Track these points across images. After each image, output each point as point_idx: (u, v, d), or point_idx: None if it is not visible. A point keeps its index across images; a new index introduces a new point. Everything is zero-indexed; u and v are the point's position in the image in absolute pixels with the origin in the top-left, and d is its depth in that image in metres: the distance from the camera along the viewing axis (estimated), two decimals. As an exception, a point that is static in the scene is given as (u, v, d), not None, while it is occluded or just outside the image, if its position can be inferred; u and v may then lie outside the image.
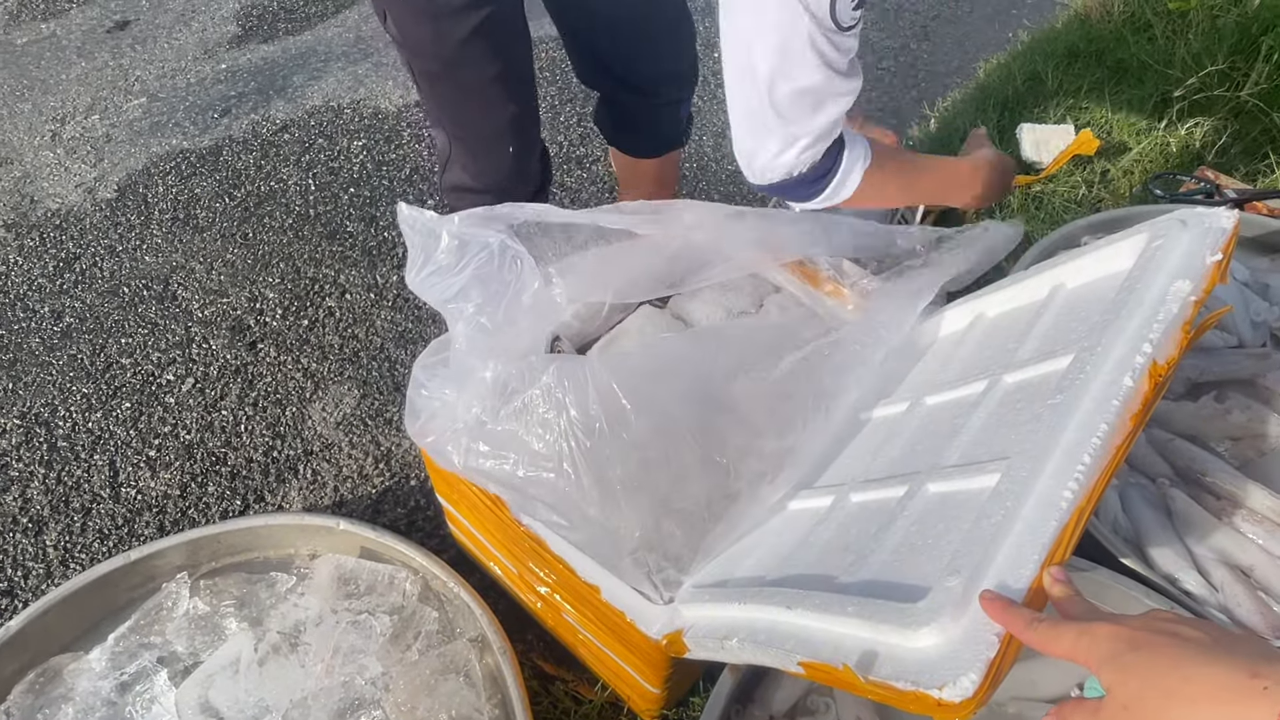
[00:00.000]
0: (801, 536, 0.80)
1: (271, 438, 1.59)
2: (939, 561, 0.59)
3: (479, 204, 1.21)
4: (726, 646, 0.71)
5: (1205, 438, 1.04)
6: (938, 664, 0.50)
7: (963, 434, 0.75)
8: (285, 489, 1.52)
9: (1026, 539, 0.55)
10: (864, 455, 0.88)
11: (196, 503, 1.50)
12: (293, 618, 1.23)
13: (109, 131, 2.37)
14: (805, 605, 0.63)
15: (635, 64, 1.36)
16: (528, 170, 1.33)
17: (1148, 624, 0.46)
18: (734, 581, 0.83)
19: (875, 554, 0.67)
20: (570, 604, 1.08)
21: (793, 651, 0.61)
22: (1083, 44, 2.24)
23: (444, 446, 0.92)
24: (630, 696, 1.15)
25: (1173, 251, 0.74)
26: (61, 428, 1.63)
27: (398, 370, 1.70)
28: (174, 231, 2.04)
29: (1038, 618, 0.49)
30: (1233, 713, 0.39)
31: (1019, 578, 0.52)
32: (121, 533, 1.47)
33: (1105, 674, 0.45)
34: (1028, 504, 0.57)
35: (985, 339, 0.94)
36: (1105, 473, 0.57)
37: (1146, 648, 0.44)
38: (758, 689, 0.89)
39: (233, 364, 1.72)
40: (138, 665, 1.16)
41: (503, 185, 1.30)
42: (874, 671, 0.53)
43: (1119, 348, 0.66)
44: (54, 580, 1.40)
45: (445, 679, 1.14)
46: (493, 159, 1.27)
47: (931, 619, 0.52)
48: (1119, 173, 1.87)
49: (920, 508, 0.70)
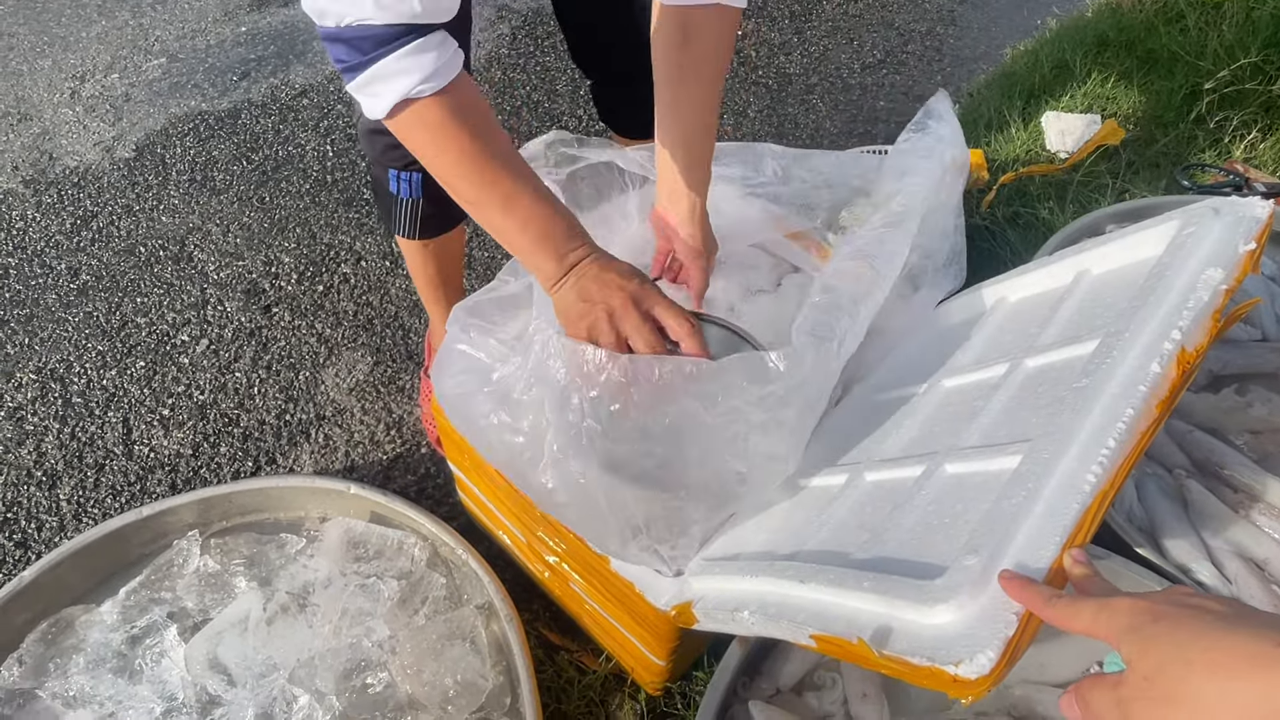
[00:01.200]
0: (815, 514, 0.80)
1: (284, 401, 1.60)
2: (956, 541, 0.59)
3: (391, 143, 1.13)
4: (737, 618, 0.71)
5: (1225, 430, 1.03)
6: (954, 640, 0.50)
7: (982, 416, 0.75)
8: (297, 452, 1.52)
9: (1047, 520, 0.54)
10: (879, 436, 0.88)
11: (209, 462, 1.51)
12: (301, 579, 1.24)
13: (128, 91, 2.37)
14: (819, 579, 0.63)
15: (613, 52, 1.34)
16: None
17: (1169, 597, 0.45)
18: (745, 556, 0.83)
19: (891, 532, 0.66)
20: (579, 574, 1.08)
21: (805, 624, 0.61)
22: (1113, 33, 2.20)
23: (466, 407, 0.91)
24: (634, 668, 1.16)
25: (1205, 239, 0.73)
26: (76, 384, 1.63)
27: (411, 339, 1.70)
28: (191, 193, 2.04)
29: (1056, 594, 0.49)
30: (1257, 681, 0.39)
31: (1039, 558, 0.52)
32: (134, 489, 1.48)
33: (1126, 646, 0.44)
34: (1049, 486, 0.57)
35: (1006, 323, 0.93)
36: (1129, 458, 0.57)
37: (1168, 619, 0.43)
38: (765, 662, 0.89)
39: (247, 327, 1.73)
40: (148, 619, 1.17)
41: None
42: (889, 646, 0.53)
43: (1147, 334, 0.65)
44: (67, 534, 1.42)
45: (451, 644, 1.15)
46: None
47: (949, 596, 0.52)
48: (1144, 165, 1.84)
49: (937, 488, 0.69)
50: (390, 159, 1.20)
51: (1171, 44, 2.09)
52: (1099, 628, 0.46)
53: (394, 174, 1.21)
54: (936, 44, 2.49)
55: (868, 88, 2.33)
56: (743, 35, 2.50)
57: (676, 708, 1.17)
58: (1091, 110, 1.97)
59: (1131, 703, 0.44)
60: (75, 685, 1.11)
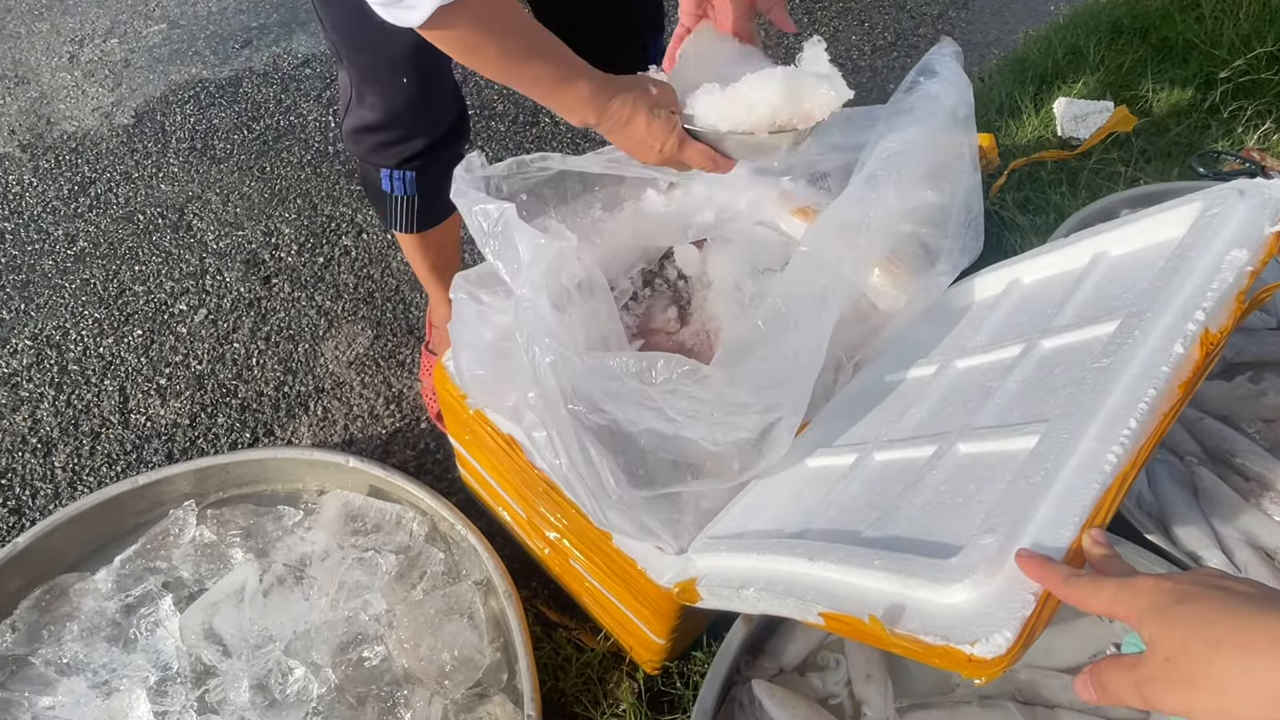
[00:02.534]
0: (823, 493, 0.79)
1: (283, 373, 1.58)
2: (971, 520, 0.58)
3: (379, 142, 1.14)
4: (743, 595, 0.70)
5: (1237, 418, 1.02)
6: (970, 620, 0.49)
7: (996, 397, 0.73)
8: (295, 424, 1.51)
9: (1066, 500, 0.53)
10: (889, 416, 0.86)
11: (206, 433, 1.50)
12: (299, 551, 1.22)
13: (128, 56, 2.33)
14: (828, 557, 0.62)
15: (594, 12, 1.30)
16: (434, 107, 1.18)
17: (1194, 578, 0.44)
18: (750, 534, 0.82)
19: (902, 511, 0.65)
20: (579, 550, 1.07)
21: (813, 602, 0.60)
22: (1128, 20, 2.17)
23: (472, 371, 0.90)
24: (633, 647, 1.15)
25: (1229, 220, 0.71)
26: (73, 351, 1.62)
27: (412, 313, 1.68)
28: (191, 161, 2.01)
29: (1076, 573, 0.47)
30: None
31: (1058, 538, 0.51)
32: (130, 458, 1.46)
33: (1147, 626, 0.43)
34: (1068, 466, 0.55)
35: (1021, 304, 0.91)
36: (1151, 439, 0.55)
37: (1192, 599, 0.42)
38: (769, 641, 0.88)
39: (246, 297, 1.71)
40: (143, 589, 1.16)
41: (401, 117, 1.14)
42: (901, 625, 0.52)
43: (1170, 314, 0.64)
44: (61, 501, 1.41)
45: (449, 619, 1.14)
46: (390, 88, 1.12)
47: (965, 575, 0.50)
48: (1156, 153, 1.82)
49: (950, 467, 0.68)
50: (380, 159, 1.17)
51: (1187, 32, 2.07)
52: (1119, 607, 0.45)
53: (385, 173, 1.19)
54: (948, 27, 2.46)
55: (878, 70, 2.30)
56: (752, 14, 2.47)
57: (675, 687, 1.16)
58: (1105, 97, 1.94)
59: (1151, 683, 0.43)
60: (69, 653, 1.10)
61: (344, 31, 1.07)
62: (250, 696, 1.06)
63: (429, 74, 1.13)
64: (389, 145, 1.16)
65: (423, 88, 1.12)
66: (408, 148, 1.15)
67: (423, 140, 1.15)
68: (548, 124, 2.12)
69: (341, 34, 1.07)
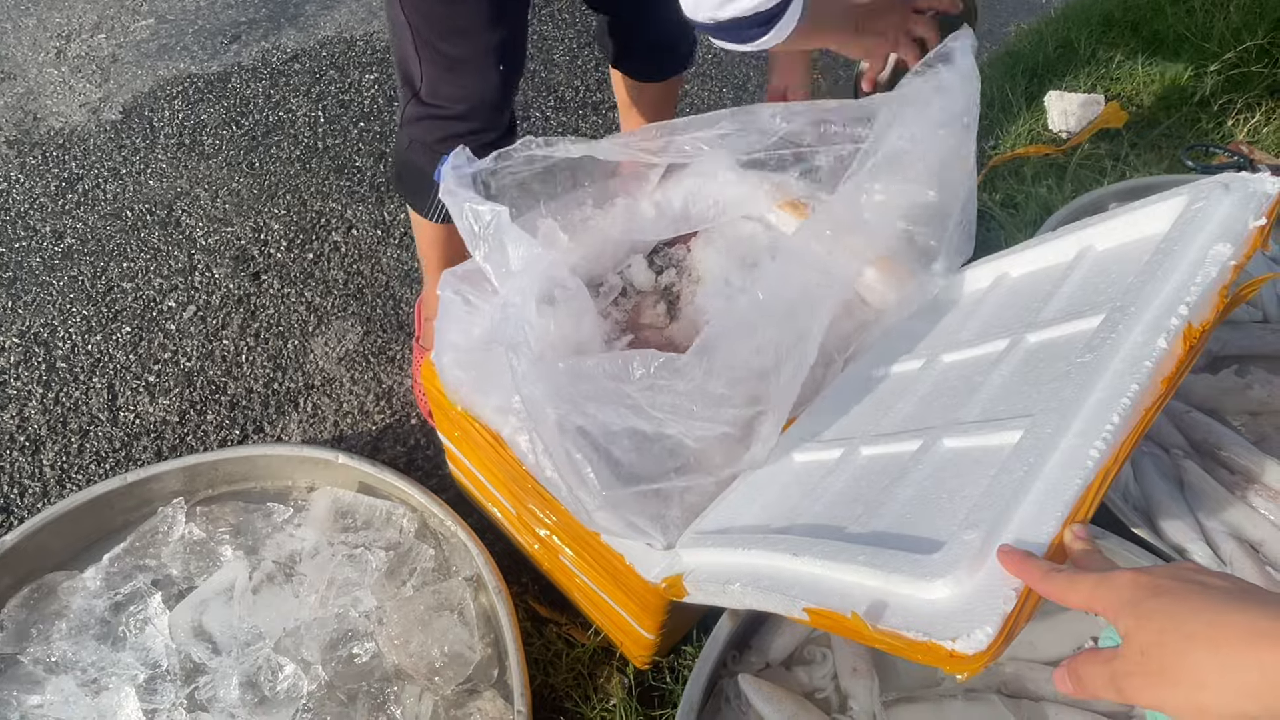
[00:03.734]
0: (809, 488, 0.79)
1: (272, 369, 1.58)
2: (955, 515, 0.58)
3: (453, 132, 1.14)
4: (728, 590, 0.70)
5: (1223, 411, 1.02)
6: (951, 616, 0.49)
7: (982, 391, 0.73)
8: (285, 421, 1.50)
9: (1049, 496, 0.53)
10: (876, 411, 0.86)
11: (195, 430, 1.49)
12: (288, 548, 1.22)
13: (115, 51, 2.32)
14: (812, 553, 0.62)
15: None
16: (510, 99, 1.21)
17: (1170, 572, 0.44)
18: (737, 529, 0.82)
19: (887, 506, 0.65)
20: (569, 546, 1.07)
21: (798, 598, 0.60)
22: (1119, 13, 2.18)
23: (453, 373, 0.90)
24: (623, 642, 1.15)
25: (1214, 214, 0.71)
26: (61, 348, 1.61)
27: (402, 309, 1.68)
28: (179, 157, 2.00)
29: (1055, 568, 0.48)
30: (1260, 657, 0.38)
31: (1040, 534, 0.51)
32: (119, 456, 1.46)
33: (1123, 620, 0.43)
34: (1051, 461, 0.55)
35: (1008, 298, 0.91)
36: (1133, 434, 0.55)
37: (1169, 594, 0.42)
38: (755, 636, 0.88)
39: (235, 294, 1.70)
40: (132, 586, 1.16)
41: (485, 106, 1.16)
42: (883, 621, 0.52)
43: (1153, 309, 0.64)
44: (50, 499, 1.40)
45: (439, 615, 1.14)
46: (479, 79, 1.14)
47: (947, 571, 0.50)
48: (1146, 146, 1.83)
49: (935, 462, 0.68)
50: (447, 147, 1.15)
51: (1178, 25, 2.07)
52: (1097, 601, 0.45)
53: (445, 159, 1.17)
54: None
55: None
56: (743, 8, 2.46)
57: (665, 681, 1.16)
58: (1095, 90, 1.94)
59: (1127, 677, 0.43)
60: (57, 651, 1.10)
61: (431, 17, 1.07)
62: (240, 694, 1.06)
63: (516, 66, 1.16)
64: (464, 135, 1.15)
65: (509, 79, 1.14)
66: (482, 138, 1.15)
67: (495, 132, 1.16)
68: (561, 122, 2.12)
69: (426, 19, 1.08)
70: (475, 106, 1.14)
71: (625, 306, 1.15)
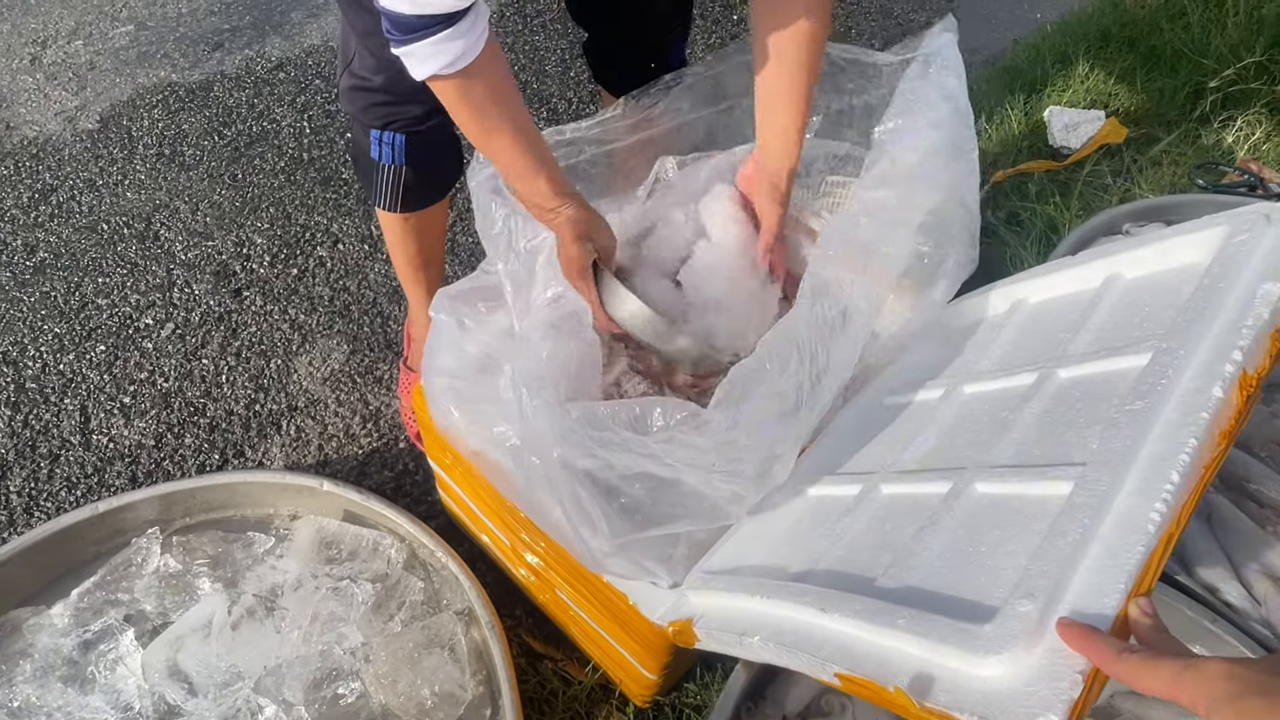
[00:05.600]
0: (826, 528, 0.74)
1: (254, 390, 1.51)
2: (1000, 577, 0.53)
3: (373, 102, 1.11)
4: (745, 643, 0.66)
5: (1249, 442, 0.99)
6: (1010, 699, 0.44)
7: (1013, 430, 0.69)
8: (267, 445, 1.44)
9: (1109, 563, 0.48)
10: (894, 444, 0.82)
11: (172, 454, 1.43)
12: (270, 580, 1.16)
13: (93, 59, 2.25)
14: (843, 610, 0.57)
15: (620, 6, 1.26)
16: None
17: (1271, 666, 0.40)
18: (748, 569, 0.77)
19: (919, 557, 0.61)
20: (565, 580, 1.02)
21: (828, 660, 0.55)
22: (1115, 28, 2.16)
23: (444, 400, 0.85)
24: (623, 680, 1.10)
25: (1256, 248, 0.68)
26: (31, 368, 1.54)
27: (390, 326, 1.62)
28: (159, 168, 1.94)
29: (1128, 648, 0.43)
30: None
31: (1102, 605, 0.46)
32: (91, 482, 1.39)
33: (1218, 715, 0.39)
34: (1107, 521, 0.51)
35: (1029, 326, 0.87)
36: (1194, 494, 0.51)
37: (1274, 693, 0.38)
38: (770, 686, 0.84)
39: (216, 311, 1.64)
40: (103, 623, 1.10)
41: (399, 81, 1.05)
42: (930, 698, 0.47)
43: (1203, 352, 0.60)
44: (16, 529, 1.33)
45: (429, 652, 1.09)
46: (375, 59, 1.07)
47: (1002, 647, 0.46)
48: (1148, 163, 1.80)
49: (968, 509, 0.64)
50: (372, 117, 1.13)
51: (1175, 41, 2.05)
52: (1184, 690, 0.40)
53: (375, 135, 1.14)
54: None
55: (865, 77, 2.27)
56: (738, 20, 2.43)
57: (667, 722, 1.11)
58: (1095, 106, 1.92)
59: None
60: (20, 695, 1.03)
61: None
62: (217, 740, 1.00)
63: None
64: (382, 105, 1.11)
65: None
66: (401, 111, 1.11)
67: (420, 107, 1.11)
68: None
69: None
70: (393, 78, 1.09)
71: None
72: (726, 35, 2.38)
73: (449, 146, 1.21)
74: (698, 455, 0.65)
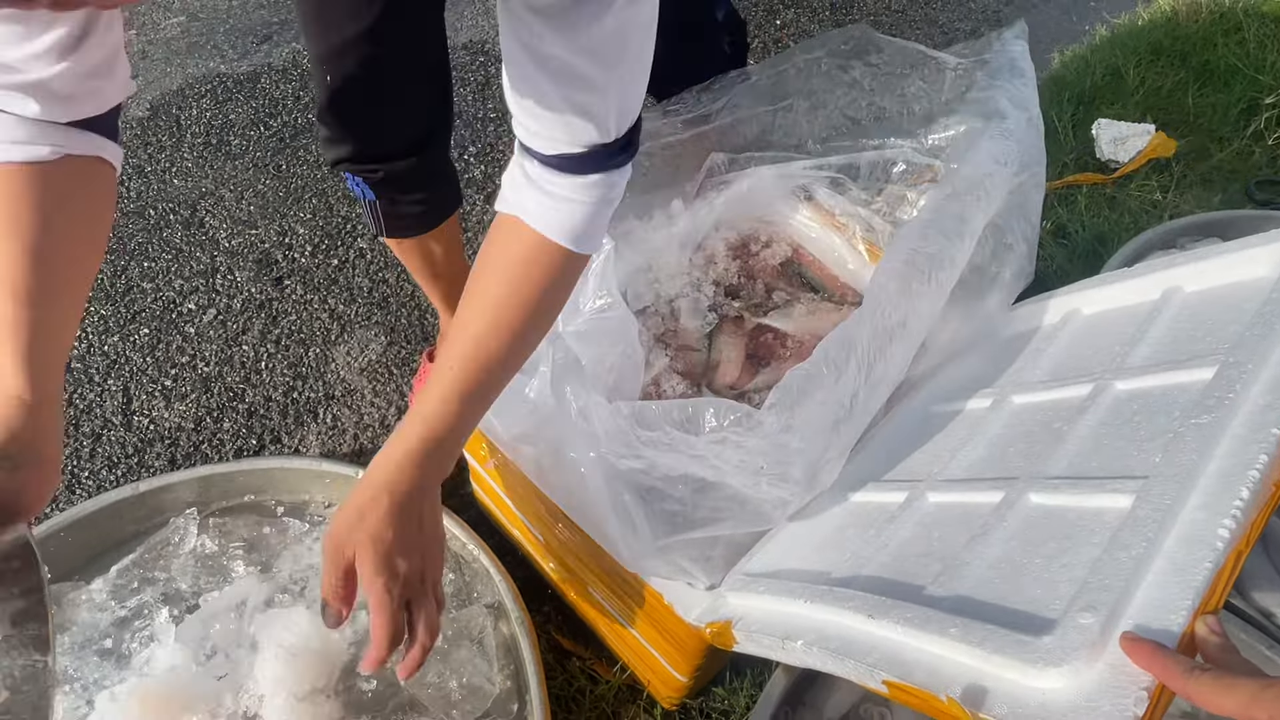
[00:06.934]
0: (870, 534, 0.73)
1: (292, 378, 1.53)
2: (1057, 589, 0.52)
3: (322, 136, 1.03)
4: (788, 647, 0.65)
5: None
6: (1068, 712, 0.43)
7: (1068, 442, 0.68)
8: (303, 432, 1.46)
9: (1174, 579, 0.47)
10: (941, 452, 0.81)
11: (210, 438, 1.45)
12: (305, 562, 1.17)
13: (145, 48, 2.29)
14: (892, 617, 0.56)
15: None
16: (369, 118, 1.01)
17: None
18: (789, 573, 0.76)
19: (970, 567, 0.59)
20: (598, 578, 1.02)
21: (876, 667, 0.54)
22: (1167, 42, 2.12)
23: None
24: (651, 681, 1.10)
25: (1325, 260, 0.66)
26: (76, 348, 1.57)
27: (427, 319, 1.63)
28: (205, 157, 1.97)
29: (1199, 666, 0.42)
30: None
31: (1167, 622, 0.45)
32: (131, 462, 1.41)
33: None
34: (1172, 536, 0.50)
35: (1083, 338, 0.86)
36: (1265, 510, 0.49)
37: None
38: (809, 692, 0.82)
39: (257, 298, 1.66)
40: (139, 600, 1.11)
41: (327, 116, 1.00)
42: (985, 708, 0.46)
43: (1271, 366, 0.58)
44: (58, 505, 1.35)
45: (458, 645, 1.09)
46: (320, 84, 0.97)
47: (1062, 659, 0.45)
48: (1197, 179, 1.77)
49: (1021, 520, 0.62)
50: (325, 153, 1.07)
51: (1229, 56, 2.01)
52: (1262, 710, 0.39)
53: (349, 177, 1.09)
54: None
55: (908, 85, 2.25)
56: (781, 25, 2.42)
57: (695, 726, 1.10)
58: (1145, 120, 1.89)
59: None
60: (59, 667, 1.05)
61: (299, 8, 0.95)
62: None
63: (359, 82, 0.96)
64: (326, 141, 1.05)
65: (348, 94, 0.97)
66: (339, 151, 1.04)
67: (350, 147, 1.03)
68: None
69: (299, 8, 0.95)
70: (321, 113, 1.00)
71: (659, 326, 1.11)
72: (769, 40, 2.37)
73: (431, 182, 1.13)
74: (748, 457, 0.64)
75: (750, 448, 0.63)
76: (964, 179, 0.78)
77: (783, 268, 1.16)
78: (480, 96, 2.11)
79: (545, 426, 0.88)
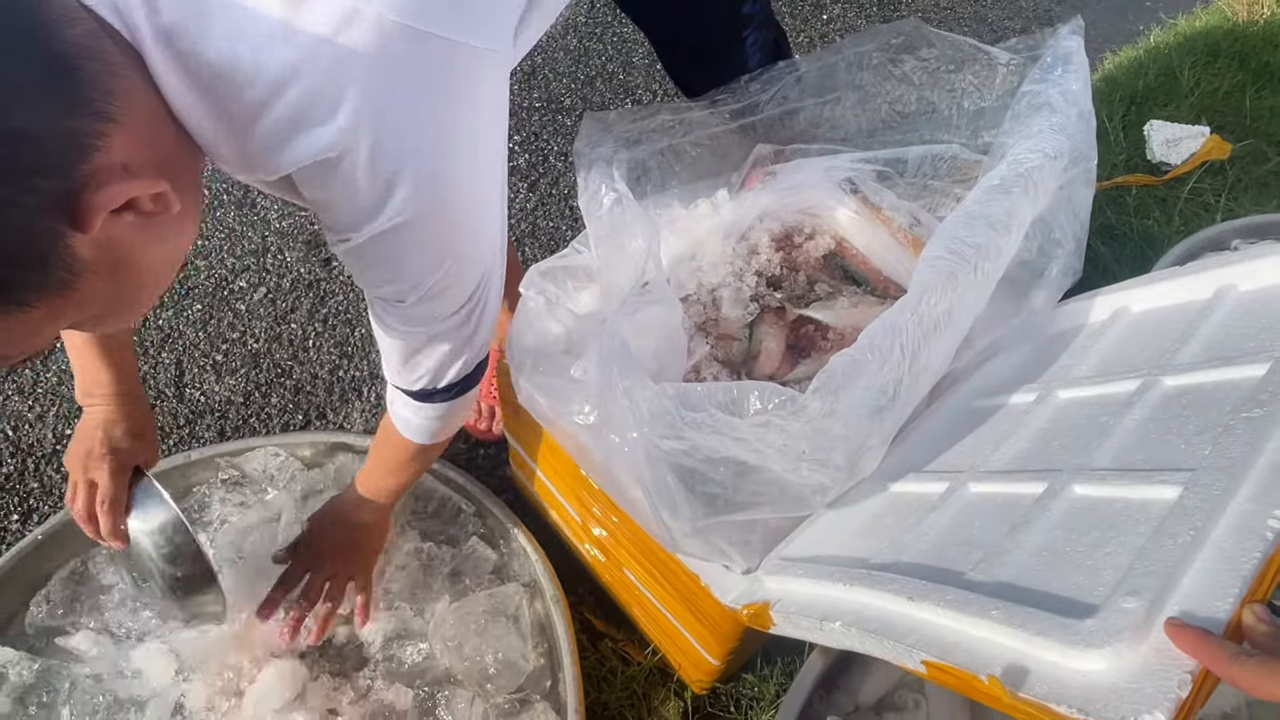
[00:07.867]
0: (911, 522, 0.74)
1: (338, 356, 1.57)
2: (1100, 576, 0.52)
3: None
4: (826, 629, 0.66)
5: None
6: (1111, 694, 0.43)
7: (1113, 436, 0.68)
8: (348, 409, 1.49)
9: (1222, 566, 0.47)
10: (983, 445, 0.81)
11: (259, 412, 1.49)
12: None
13: (202, 32, 2.35)
14: (932, 599, 0.57)
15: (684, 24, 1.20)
16: None
17: None
18: (827, 559, 0.77)
19: (1012, 555, 0.60)
20: (634, 558, 1.03)
21: (915, 648, 0.55)
22: (1225, 43, 2.08)
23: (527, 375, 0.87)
24: (682, 665, 1.11)
25: (1385, 260, 0.65)
26: (133, 321, 1.62)
27: (469, 303, 1.66)
28: (258, 139, 2.01)
29: (1245, 652, 0.42)
30: None
31: (1213, 609, 0.45)
32: (182, 433, 1.46)
33: None
34: (1220, 525, 0.50)
35: (1131, 334, 0.85)
36: (1316, 503, 0.49)
37: None
38: (843, 676, 0.83)
39: (306, 278, 1.70)
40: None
41: None
42: (1026, 688, 0.47)
43: (1326, 360, 0.58)
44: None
45: (494, 621, 1.11)
46: None
47: (1105, 641, 0.45)
48: (1252, 183, 1.73)
49: (1065, 510, 0.62)
50: None
51: (1290, 58, 1.97)
52: None
53: None
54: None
55: (956, 83, 2.23)
56: (828, 20, 2.41)
57: (726, 710, 1.12)
58: (1199, 121, 1.85)
59: None
60: (112, 621, 1.09)
61: None
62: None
63: None
64: None
65: None
66: None
67: None
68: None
69: None
70: None
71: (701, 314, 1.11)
72: (816, 35, 2.36)
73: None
74: (790, 441, 0.65)
75: (793, 432, 0.64)
76: (1012, 171, 0.78)
77: (826, 260, 1.16)
78: (525, 87, 2.13)
79: (589, 406, 0.89)
